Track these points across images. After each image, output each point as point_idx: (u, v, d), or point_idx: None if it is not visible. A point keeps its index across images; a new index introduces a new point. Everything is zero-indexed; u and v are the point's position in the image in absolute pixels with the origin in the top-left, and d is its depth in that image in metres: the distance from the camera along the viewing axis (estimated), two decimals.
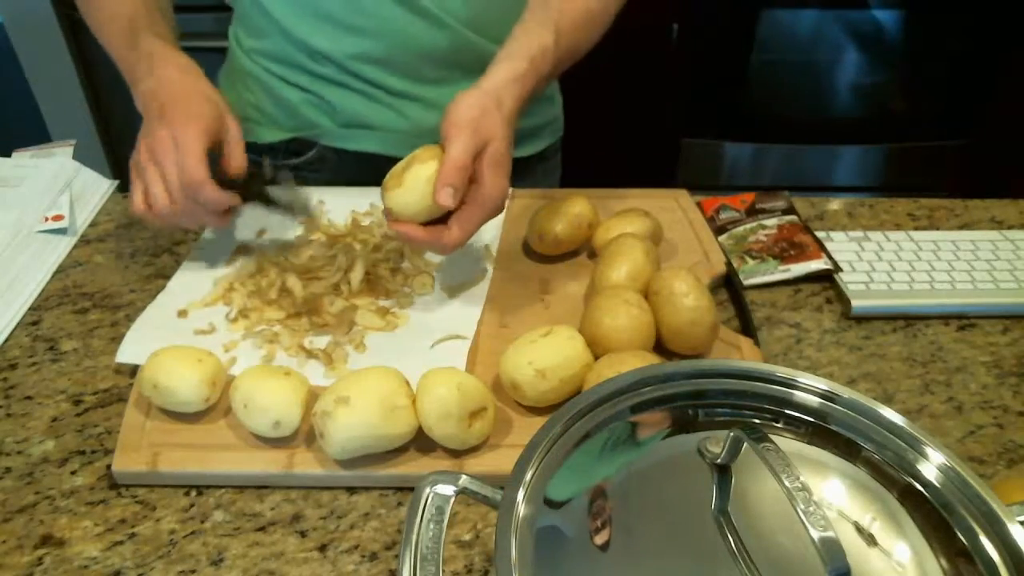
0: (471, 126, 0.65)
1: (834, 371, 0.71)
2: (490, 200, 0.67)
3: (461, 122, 0.66)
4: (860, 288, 0.78)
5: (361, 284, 0.76)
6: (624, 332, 0.65)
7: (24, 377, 0.71)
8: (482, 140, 0.66)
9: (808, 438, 0.44)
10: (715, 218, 0.89)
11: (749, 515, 0.38)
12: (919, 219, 0.91)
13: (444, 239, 0.67)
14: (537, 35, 0.73)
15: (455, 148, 0.65)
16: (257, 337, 0.71)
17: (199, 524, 0.59)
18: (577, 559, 0.38)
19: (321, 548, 0.57)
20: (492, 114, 0.67)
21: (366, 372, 0.61)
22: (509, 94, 0.68)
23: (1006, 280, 0.79)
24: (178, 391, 0.62)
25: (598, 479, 0.41)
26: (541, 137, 1.02)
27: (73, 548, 0.57)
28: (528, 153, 1.00)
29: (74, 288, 0.81)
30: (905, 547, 0.38)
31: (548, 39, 0.72)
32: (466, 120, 0.66)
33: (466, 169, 0.65)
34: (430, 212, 0.67)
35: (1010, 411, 0.68)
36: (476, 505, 0.59)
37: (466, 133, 0.65)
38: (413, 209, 0.67)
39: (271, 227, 0.85)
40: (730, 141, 1.87)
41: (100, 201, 0.92)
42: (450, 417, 0.59)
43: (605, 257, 0.73)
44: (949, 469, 0.40)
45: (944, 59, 1.78)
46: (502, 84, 0.68)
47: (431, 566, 0.39)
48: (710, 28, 1.72)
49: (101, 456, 0.64)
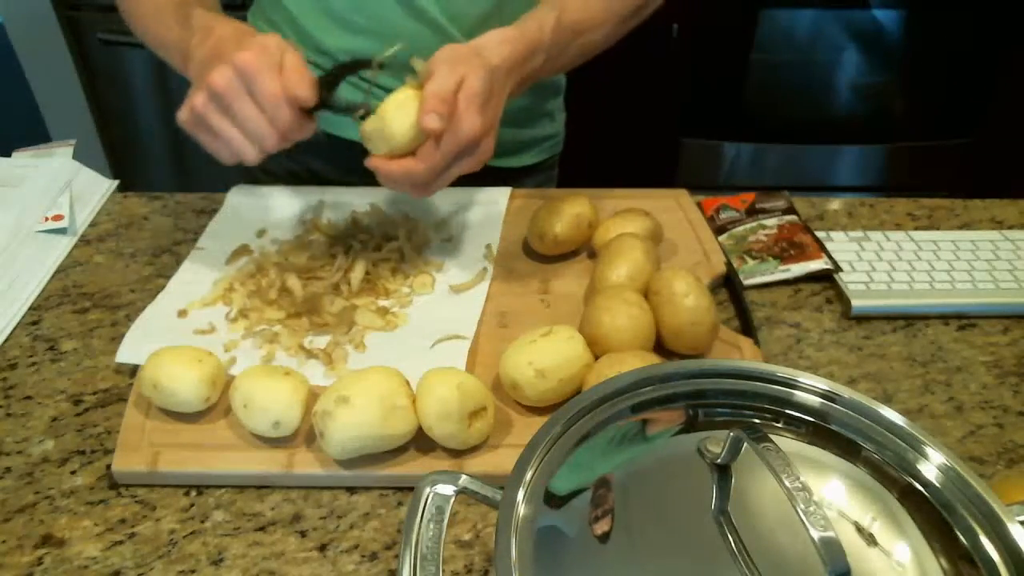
0: (448, 62, 0.65)
1: (834, 371, 0.71)
2: (462, 133, 0.65)
3: (437, 59, 0.66)
4: (860, 288, 0.78)
5: (361, 284, 0.76)
6: (624, 332, 0.65)
7: (24, 377, 0.71)
8: (459, 75, 0.65)
9: (808, 438, 0.44)
10: (715, 218, 0.89)
11: (749, 515, 0.38)
12: (919, 219, 0.91)
13: (408, 166, 0.66)
14: (536, 13, 0.73)
15: (434, 82, 0.65)
16: (257, 337, 0.71)
17: (199, 524, 0.59)
18: (577, 559, 0.38)
19: (321, 548, 0.57)
20: (471, 58, 0.66)
21: (366, 372, 0.61)
22: (493, 51, 0.68)
23: (1006, 280, 0.79)
24: (178, 391, 0.62)
25: (598, 479, 0.41)
26: (537, 150, 1.02)
27: (73, 548, 0.57)
28: (521, 164, 1.00)
29: (74, 288, 0.81)
30: (905, 547, 0.38)
31: (548, 15, 0.73)
32: (442, 58, 0.66)
33: (447, 100, 0.64)
34: (398, 140, 0.66)
35: (1010, 411, 0.68)
36: (476, 505, 0.59)
37: (443, 67, 0.65)
38: (383, 134, 0.66)
39: (271, 227, 0.85)
40: (730, 141, 1.87)
41: (100, 201, 0.92)
42: (450, 417, 0.59)
43: (605, 257, 0.73)
44: (949, 469, 0.40)
45: (944, 59, 1.78)
46: (486, 43, 0.68)
47: (431, 566, 0.39)
48: (710, 28, 1.72)
49: (101, 456, 0.64)
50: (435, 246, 0.83)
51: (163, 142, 1.90)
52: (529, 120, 0.98)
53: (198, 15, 0.73)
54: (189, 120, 0.66)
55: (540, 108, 1.00)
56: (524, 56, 0.70)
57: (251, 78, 0.63)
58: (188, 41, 0.71)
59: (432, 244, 0.83)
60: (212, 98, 0.64)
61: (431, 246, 0.83)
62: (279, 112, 0.64)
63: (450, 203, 0.87)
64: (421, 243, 0.82)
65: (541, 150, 1.03)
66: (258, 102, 0.64)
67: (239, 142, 0.65)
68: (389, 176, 0.68)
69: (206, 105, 0.64)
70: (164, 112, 1.83)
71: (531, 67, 0.72)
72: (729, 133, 1.86)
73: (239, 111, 0.64)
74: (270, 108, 0.64)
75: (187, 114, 0.66)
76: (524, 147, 1.00)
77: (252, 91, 0.63)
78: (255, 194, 0.89)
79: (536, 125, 1.00)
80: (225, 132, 0.65)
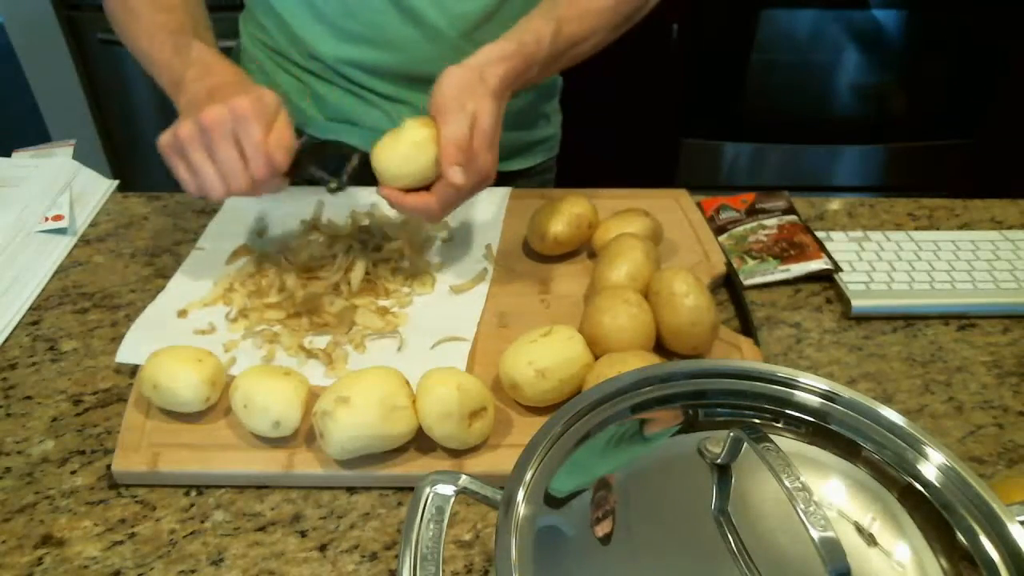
0: (457, 102, 0.67)
1: (834, 371, 0.71)
2: (480, 174, 0.69)
3: (448, 101, 0.67)
4: (860, 288, 0.78)
5: (361, 284, 0.76)
6: (624, 332, 0.65)
7: (24, 377, 0.71)
8: (471, 115, 0.67)
9: (808, 438, 0.43)
10: (715, 218, 0.89)
11: (749, 515, 0.38)
12: (919, 219, 0.91)
13: (425, 203, 0.69)
14: (535, 24, 0.74)
15: (450, 128, 0.66)
16: (257, 337, 0.71)
17: (199, 524, 0.59)
18: (577, 559, 0.38)
19: (321, 548, 0.57)
20: (476, 88, 0.68)
21: (366, 372, 0.61)
22: (493, 72, 0.69)
23: (1006, 280, 0.79)
24: (178, 391, 0.62)
25: (598, 479, 0.41)
26: (534, 153, 1.02)
27: (73, 548, 0.57)
28: (518, 168, 1.00)
29: (74, 288, 0.81)
30: (905, 547, 0.38)
31: (545, 28, 0.73)
32: (452, 98, 0.67)
33: (465, 147, 0.67)
34: (415, 177, 0.68)
35: (1010, 411, 0.68)
36: (476, 505, 0.59)
37: (455, 111, 0.67)
38: (401, 171, 0.68)
39: (271, 227, 0.85)
40: (730, 141, 1.87)
41: (100, 201, 0.92)
42: (450, 417, 0.59)
43: (605, 257, 0.73)
44: (949, 469, 0.40)
45: (944, 59, 1.78)
46: (486, 62, 0.69)
47: (431, 566, 0.39)
48: (710, 28, 1.72)
49: (101, 456, 0.64)
50: (435, 246, 0.83)
51: None
52: (527, 123, 0.99)
53: (197, 48, 0.74)
54: (170, 145, 0.68)
55: (537, 110, 1.00)
56: (521, 72, 0.72)
57: (241, 123, 0.65)
58: (181, 70, 0.73)
59: (432, 244, 0.83)
60: (200, 132, 0.66)
61: (431, 246, 0.83)
62: (257, 162, 0.66)
63: None
64: (421, 243, 0.82)
65: (538, 152, 1.03)
66: (241, 147, 0.66)
67: (212, 179, 0.67)
68: (404, 208, 0.70)
69: (191, 137, 0.66)
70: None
71: (525, 79, 0.73)
72: (729, 133, 1.86)
73: (220, 150, 0.66)
74: (251, 156, 0.66)
75: (169, 139, 0.68)
76: (522, 151, 1.00)
77: (239, 135, 0.65)
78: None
79: (534, 128, 1.00)
80: (202, 167, 0.67)
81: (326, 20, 0.85)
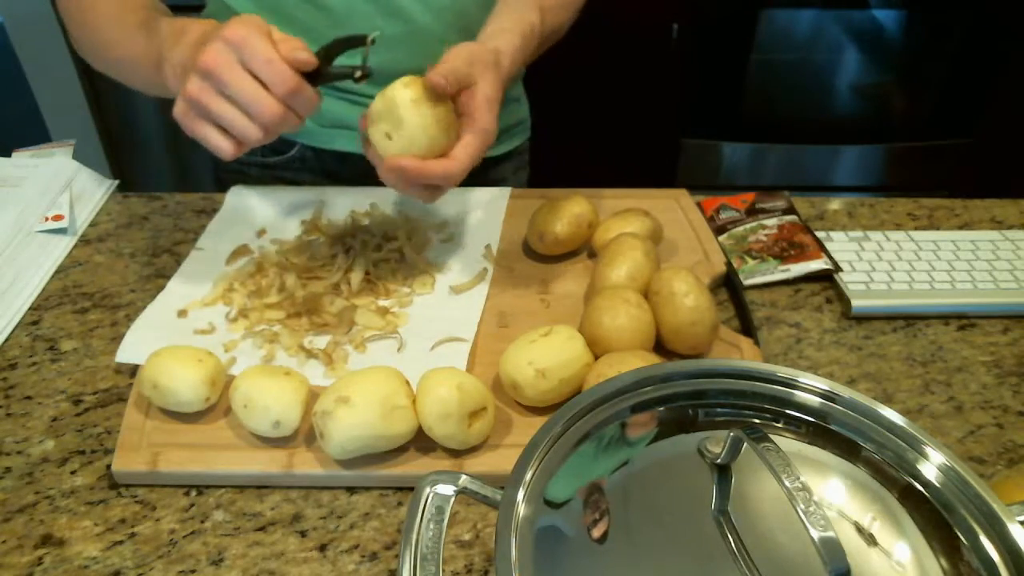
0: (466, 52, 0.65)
1: (834, 371, 0.71)
2: (485, 132, 0.66)
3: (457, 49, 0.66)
4: (860, 288, 0.78)
5: (361, 284, 0.76)
6: (624, 332, 0.65)
7: (24, 377, 0.71)
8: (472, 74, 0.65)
9: (808, 438, 0.44)
10: (715, 218, 0.89)
11: (749, 515, 0.38)
12: (919, 219, 0.91)
13: (448, 168, 0.64)
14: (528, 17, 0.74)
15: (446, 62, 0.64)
16: (257, 337, 0.71)
17: (199, 524, 0.59)
18: (577, 559, 0.38)
19: (321, 548, 0.57)
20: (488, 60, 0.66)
21: (366, 372, 0.61)
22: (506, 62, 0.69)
23: (1006, 280, 0.79)
24: (178, 391, 0.62)
25: (598, 479, 0.41)
26: (513, 137, 1.03)
27: (73, 548, 0.57)
28: (500, 152, 1.01)
29: (74, 288, 0.81)
30: (905, 547, 0.38)
31: (535, 18, 0.74)
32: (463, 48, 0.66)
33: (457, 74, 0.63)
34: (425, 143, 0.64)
35: (1010, 411, 0.68)
36: (476, 505, 0.59)
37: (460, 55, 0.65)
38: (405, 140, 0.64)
39: (271, 227, 0.85)
40: (730, 141, 1.87)
41: (100, 201, 0.92)
42: (450, 417, 0.59)
43: (605, 257, 0.73)
44: (949, 469, 0.40)
45: (944, 59, 1.78)
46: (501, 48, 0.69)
47: (431, 566, 0.39)
48: (710, 28, 1.72)
49: (101, 456, 0.64)
50: (435, 246, 0.83)
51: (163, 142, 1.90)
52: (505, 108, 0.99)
53: (166, 22, 0.70)
54: (183, 111, 0.63)
55: (509, 95, 1.00)
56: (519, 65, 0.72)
57: (241, 46, 0.59)
58: (159, 48, 0.68)
59: (432, 244, 0.83)
60: (204, 78, 0.60)
61: (431, 246, 0.83)
62: (278, 76, 0.60)
63: (450, 203, 0.87)
64: (421, 243, 0.82)
65: (516, 135, 1.04)
66: (252, 69, 0.60)
67: (240, 122, 0.61)
68: (424, 176, 0.64)
69: (200, 87, 0.60)
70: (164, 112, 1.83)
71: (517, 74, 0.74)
72: (729, 133, 1.86)
73: (234, 83, 0.59)
74: (266, 73, 0.60)
75: (181, 105, 0.62)
76: (501, 135, 1.00)
77: (246, 61, 0.60)
78: (255, 194, 0.89)
79: (510, 113, 1.01)
80: (224, 114, 0.61)
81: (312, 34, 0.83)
